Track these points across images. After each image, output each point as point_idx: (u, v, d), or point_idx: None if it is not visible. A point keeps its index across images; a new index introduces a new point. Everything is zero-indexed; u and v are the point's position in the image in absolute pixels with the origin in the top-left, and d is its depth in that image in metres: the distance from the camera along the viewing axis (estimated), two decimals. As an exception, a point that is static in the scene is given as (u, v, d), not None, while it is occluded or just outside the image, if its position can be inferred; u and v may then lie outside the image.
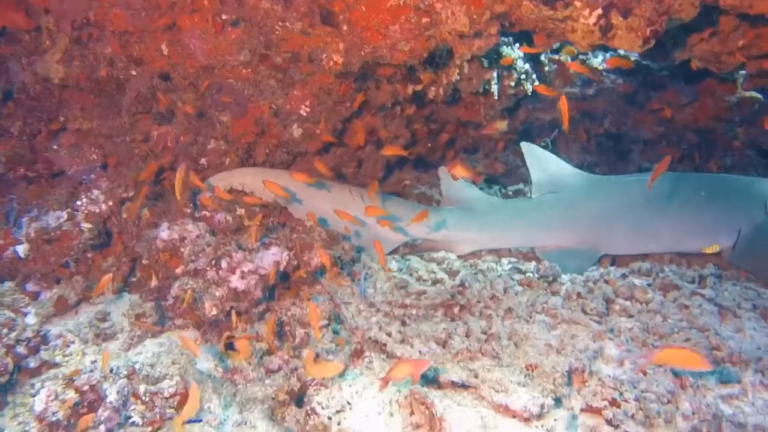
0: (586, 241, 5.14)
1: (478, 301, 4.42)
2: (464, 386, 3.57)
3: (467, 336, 4.05)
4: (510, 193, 6.11)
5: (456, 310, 4.38)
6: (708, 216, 5.13)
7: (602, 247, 5.18)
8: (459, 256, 5.24)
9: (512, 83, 5.50)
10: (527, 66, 5.68)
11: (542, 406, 3.35)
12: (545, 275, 4.81)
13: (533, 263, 5.11)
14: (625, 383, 3.60)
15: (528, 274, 4.86)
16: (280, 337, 4.20)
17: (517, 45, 5.58)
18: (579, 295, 4.52)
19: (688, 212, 5.10)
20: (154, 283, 4.52)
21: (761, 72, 4.71)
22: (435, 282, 4.82)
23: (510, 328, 4.07)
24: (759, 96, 5.77)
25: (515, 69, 5.52)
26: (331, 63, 4.32)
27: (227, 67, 4.68)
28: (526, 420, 3.35)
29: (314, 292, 4.56)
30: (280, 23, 4.33)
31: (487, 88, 5.34)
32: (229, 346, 4.03)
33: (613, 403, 3.50)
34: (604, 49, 5.99)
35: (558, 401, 3.48)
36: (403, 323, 4.23)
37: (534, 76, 5.79)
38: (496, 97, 5.48)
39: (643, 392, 3.60)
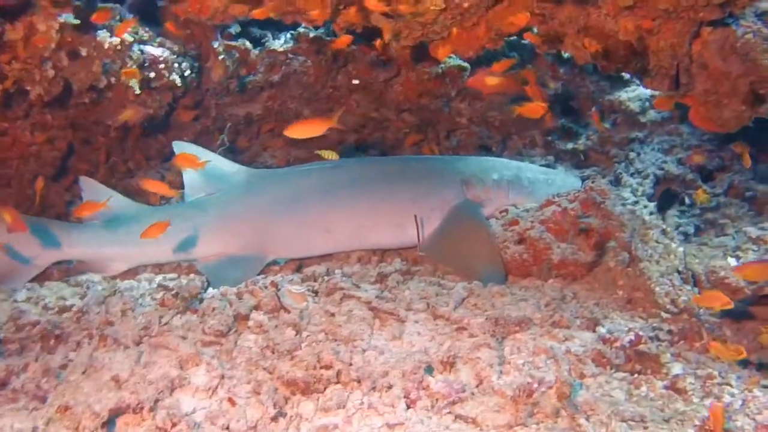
0: (250, 246, 4.38)
1: (84, 329, 3.65)
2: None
3: (41, 373, 3.30)
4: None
5: (52, 341, 3.61)
6: (390, 204, 4.43)
7: (270, 251, 4.43)
8: (112, 277, 4.44)
9: (128, 71, 4.64)
10: (165, 53, 4.83)
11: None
12: (187, 290, 4.04)
13: (192, 277, 4.34)
14: (186, 419, 2.90)
15: (173, 292, 4.09)
16: None
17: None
18: (213, 310, 3.77)
19: (367, 202, 4.39)
20: None
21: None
22: (63, 310, 4.02)
23: (93, 358, 3.32)
24: (466, 65, 5.09)
25: (131, 57, 4.68)
26: None
27: None
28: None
29: None
30: None
31: (129, 82, 4.56)
32: None
33: (156, 446, 2.77)
34: (292, 27, 5.34)
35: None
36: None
37: (183, 65, 4.97)
38: (137, 92, 4.66)
39: (223, 428, 2.89)
